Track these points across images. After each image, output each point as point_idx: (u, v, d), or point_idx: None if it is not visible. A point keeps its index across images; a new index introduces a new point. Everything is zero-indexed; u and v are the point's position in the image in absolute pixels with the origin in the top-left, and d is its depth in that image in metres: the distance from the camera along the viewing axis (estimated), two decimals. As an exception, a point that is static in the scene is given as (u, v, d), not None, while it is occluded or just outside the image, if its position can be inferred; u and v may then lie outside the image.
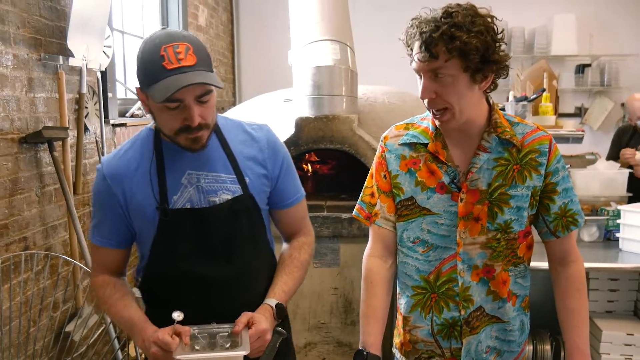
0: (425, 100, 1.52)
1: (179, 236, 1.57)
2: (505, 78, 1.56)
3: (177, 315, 1.41)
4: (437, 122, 1.57)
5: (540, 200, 1.62)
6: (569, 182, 1.64)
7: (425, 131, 1.63)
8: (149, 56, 1.44)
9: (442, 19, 1.42)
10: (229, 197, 1.59)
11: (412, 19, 1.49)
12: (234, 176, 1.60)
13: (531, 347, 2.89)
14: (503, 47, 1.49)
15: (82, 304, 3.00)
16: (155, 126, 1.60)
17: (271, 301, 1.60)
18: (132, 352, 3.11)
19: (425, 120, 1.66)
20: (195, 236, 1.58)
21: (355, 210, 1.75)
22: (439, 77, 1.46)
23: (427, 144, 1.61)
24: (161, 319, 1.54)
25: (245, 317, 1.51)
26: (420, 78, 1.51)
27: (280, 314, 1.57)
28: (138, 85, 1.51)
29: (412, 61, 1.51)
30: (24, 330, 2.58)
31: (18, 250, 2.60)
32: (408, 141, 1.64)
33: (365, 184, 1.74)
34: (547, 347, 2.88)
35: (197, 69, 1.43)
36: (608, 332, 2.78)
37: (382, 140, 1.71)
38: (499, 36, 1.48)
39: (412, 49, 1.49)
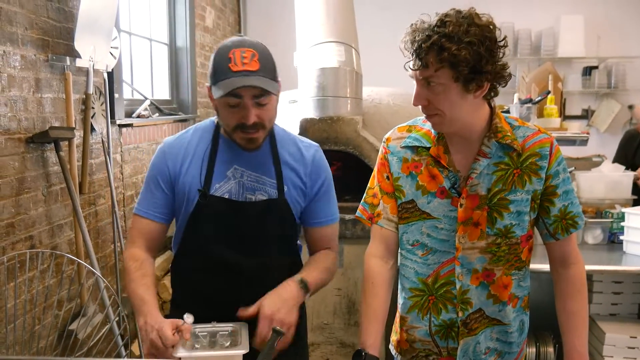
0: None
1: (212, 221, 1.70)
2: (504, 87, 1.56)
3: (187, 317, 1.45)
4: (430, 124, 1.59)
5: (540, 203, 1.62)
6: (570, 184, 1.64)
7: (427, 134, 1.64)
8: (219, 57, 1.61)
9: (435, 28, 1.43)
10: (265, 198, 1.71)
11: (410, 26, 1.50)
12: (275, 181, 1.73)
13: (534, 350, 2.89)
14: (503, 54, 1.49)
15: (87, 303, 3.02)
16: (217, 120, 1.77)
17: (298, 278, 1.70)
18: (135, 351, 3.14)
19: (428, 122, 1.66)
20: (227, 225, 1.71)
21: (357, 211, 1.76)
22: (431, 85, 1.48)
23: (429, 147, 1.62)
24: (186, 302, 1.77)
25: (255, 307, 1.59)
26: (416, 83, 1.52)
27: (305, 286, 1.67)
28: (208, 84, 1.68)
29: (407, 67, 1.52)
30: (29, 328, 2.61)
31: (24, 248, 2.63)
32: (410, 144, 1.65)
33: (368, 184, 1.75)
34: (550, 349, 2.88)
35: (258, 75, 1.58)
36: (611, 334, 2.78)
37: (384, 142, 1.71)
38: (501, 43, 1.48)
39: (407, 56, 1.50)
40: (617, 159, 4.57)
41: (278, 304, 1.60)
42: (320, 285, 1.77)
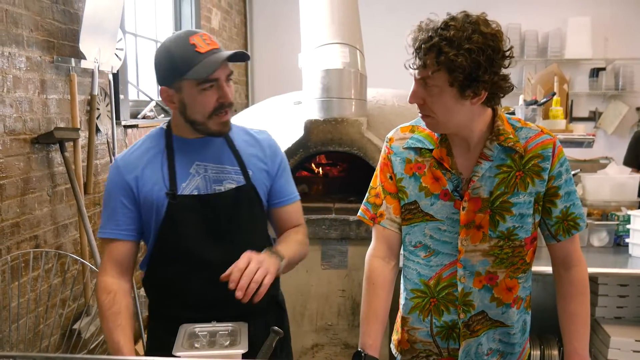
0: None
1: (186, 220, 1.67)
2: (503, 97, 1.54)
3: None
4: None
5: (542, 204, 1.61)
6: (572, 185, 1.62)
7: (430, 136, 1.63)
8: (179, 48, 1.60)
9: (439, 30, 1.42)
10: (233, 186, 1.71)
11: (417, 24, 1.49)
12: (238, 168, 1.73)
13: (539, 352, 2.88)
14: (509, 64, 1.47)
15: (91, 302, 3.04)
16: (166, 125, 1.75)
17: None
18: (139, 350, 3.14)
19: None
20: (201, 221, 1.68)
21: (360, 211, 1.75)
22: (428, 86, 1.47)
23: (432, 149, 1.61)
24: (164, 314, 1.73)
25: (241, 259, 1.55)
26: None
27: (275, 251, 1.64)
28: (163, 85, 1.65)
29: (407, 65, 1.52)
30: (33, 327, 2.62)
31: (29, 248, 2.64)
32: (413, 145, 1.64)
33: (370, 184, 1.74)
34: (555, 352, 2.86)
35: (222, 51, 1.62)
36: (616, 338, 2.75)
37: (387, 142, 1.70)
38: (506, 54, 1.46)
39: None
40: (627, 160, 4.53)
41: (256, 254, 1.58)
42: (295, 258, 1.75)
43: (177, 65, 1.59)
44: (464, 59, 1.40)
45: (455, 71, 1.41)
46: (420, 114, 1.57)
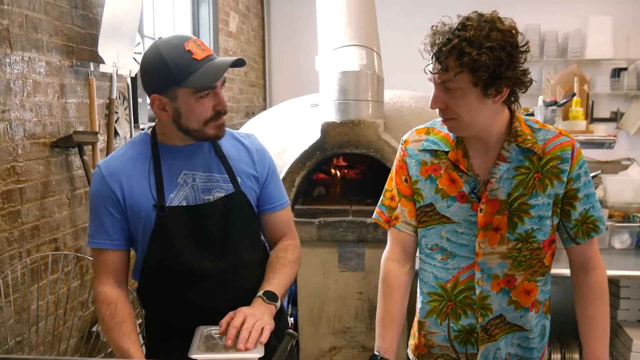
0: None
1: (175, 232, 1.63)
2: (524, 92, 1.53)
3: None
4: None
5: (562, 207, 1.59)
6: (592, 187, 1.60)
7: (445, 138, 1.61)
8: (174, 55, 1.52)
9: (456, 32, 1.41)
10: (223, 195, 1.66)
11: (431, 28, 1.48)
12: (227, 176, 1.68)
13: (559, 356, 2.84)
14: (525, 59, 1.46)
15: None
16: (151, 130, 1.69)
17: (260, 293, 1.62)
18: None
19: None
20: (191, 232, 1.64)
21: (375, 213, 1.74)
22: (449, 89, 1.45)
23: (448, 151, 1.60)
24: (160, 320, 1.71)
25: (228, 316, 1.52)
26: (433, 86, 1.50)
27: (270, 296, 1.60)
28: (154, 93, 1.57)
29: (426, 70, 1.51)
30: (53, 329, 2.65)
31: (48, 251, 2.67)
32: (428, 147, 1.62)
33: (385, 187, 1.73)
34: (576, 355, 2.82)
35: (216, 57, 1.57)
36: (639, 341, 2.71)
37: (402, 144, 1.69)
38: (523, 48, 1.45)
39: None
40: None
41: (254, 308, 1.55)
42: (287, 285, 1.71)
43: (172, 73, 1.52)
44: (487, 57, 1.39)
45: (479, 70, 1.40)
46: (442, 119, 1.55)
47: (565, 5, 6.54)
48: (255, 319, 1.49)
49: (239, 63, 1.58)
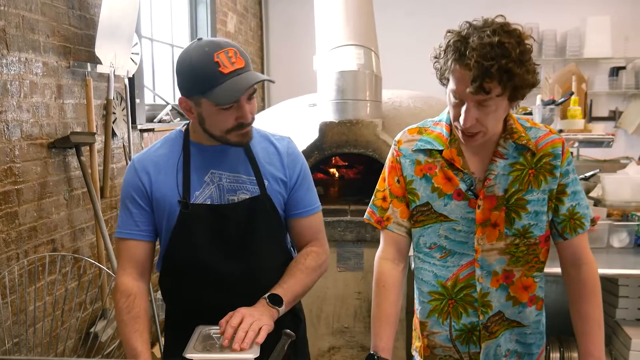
0: (459, 124, 1.49)
1: (198, 229, 1.64)
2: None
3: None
4: (462, 140, 1.54)
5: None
6: (578, 184, 1.63)
7: (439, 137, 1.61)
8: (202, 64, 1.52)
9: (496, 48, 1.36)
10: (247, 197, 1.66)
11: (456, 40, 1.42)
12: (254, 178, 1.68)
13: (558, 355, 2.84)
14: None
15: (107, 305, 3.06)
16: (185, 128, 1.72)
17: (266, 294, 1.61)
18: (156, 353, 3.15)
19: (439, 125, 1.64)
20: (213, 231, 1.65)
21: (366, 213, 1.74)
22: (484, 105, 1.44)
23: (442, 150, 1.60)
24: (180, 316, 1.72)
25: (228, 315, 1.51)
26: (456, 100, 1.47)
27: (274, 300, 1.58)
28: (182, 95, 1.60)
29: (444, 77, 1.49)
30: (50, 330, 2.64)
31: (46, 252, 2.67)
32: (422, 147, 1.63)
33: (376, 187, 1.73)
34: (575, 354, 2.82)
35: (247, 70, 1.55)
36: (638, 340, 2.70)
37: (395, 144, 1.69)
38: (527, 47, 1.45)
39: (451, 69, 1.45)
40: None
41: (254, 309, 1.54)
42: (300, 291, 1.68)
43: (198, 82, 1.53)
44: (532, 75, 1.41)
45: (522, 88, 1.41)
46: (463, 134, 1.51)
47: (564, 5, 6.54)
48: (252, 319, 1.48)
49: (268, 79, 1.59)
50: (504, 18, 1.45)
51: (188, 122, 1.73)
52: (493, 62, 1.36)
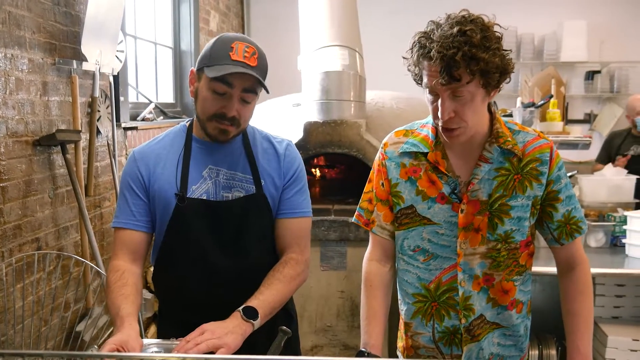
0: (439, 120, 1.49)
1: (192, 223, 1.67)
2: (508, 83, 1.55)
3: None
4: (444, 137, 1.55)
5: (543, 208, 1.62)
6: (571, 189, 1.64)
7: (425, 139, 1.62)
8: (220, 44, 1.60)
9: (459, 38, 1.39)
10: (242, 195, 1.69)
11: (420, 36, 1.46)
12: (251, 177, 1.71)
13: (537, 352, 2.90)
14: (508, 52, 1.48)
15: (93, 305, 3.05)
16: (189, 123, 1.76)
17: (240, 307, 1.57)
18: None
19: (425, 127, 1.65)
20: (207, 226, 1.67)
21: (354, 216, 1.77)
22: (458, 96, 1.45)
23: (427, 153, 1.61)
24: (173, 310, 1.74)
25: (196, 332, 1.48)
26: (432, 95, 1.49)
27: (249, 313, 1.54)
28: (195, 67, 1.67)
29: (418, 76, 1.50)
30: (36, 329, 2.63)
31: (31, 250, 2.65)
32: (408, 150, 1.63)
33: (364, 189, 1.75)
34: (553, 351, 2.89)
35: (255, 71, 1.59)
36: (614, 337, 2.79)
37: (382, 147, 1.70)
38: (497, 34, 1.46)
39: (421, 67, 1.47)
40: (600, 157, 4.62)
41: (220, 325, 1.50)
42: (277, 302, 1.64)
43: (207, 56, 1.61)
44: (498, 58, 1.41)
45: (490, 72, 1.41)
46: (443, 129, 1.51)
47: (542, 9, 6.65)
48: (212, 335, 1.45)
49: (263, 87, 1.62)
50: (467, 12, 1.47)
51: (192, 118, 1.76)
52: (455, 49, 1.38)
